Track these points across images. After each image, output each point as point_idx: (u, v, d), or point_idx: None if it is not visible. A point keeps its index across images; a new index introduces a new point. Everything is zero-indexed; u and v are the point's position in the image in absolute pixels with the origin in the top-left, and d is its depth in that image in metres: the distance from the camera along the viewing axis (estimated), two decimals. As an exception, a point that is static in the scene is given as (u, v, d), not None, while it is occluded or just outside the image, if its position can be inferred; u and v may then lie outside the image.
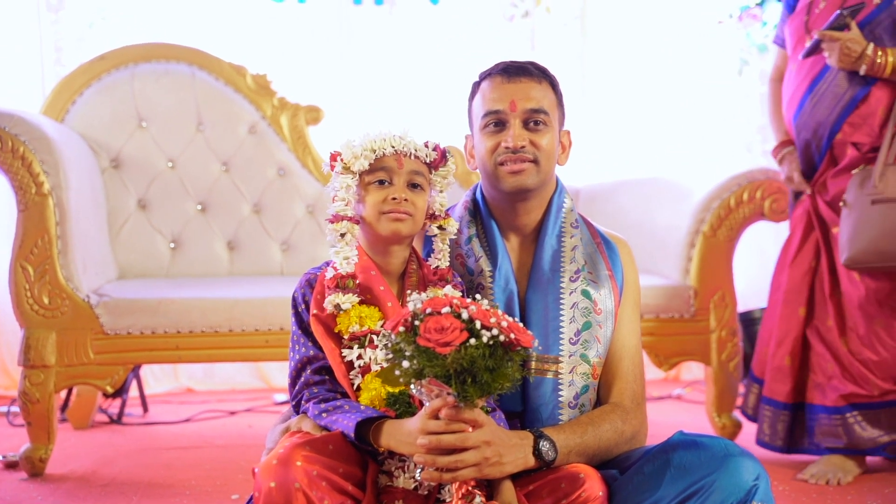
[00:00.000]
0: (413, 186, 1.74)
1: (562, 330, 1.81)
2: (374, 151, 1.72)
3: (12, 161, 2.66)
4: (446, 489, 1.60)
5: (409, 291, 1.75)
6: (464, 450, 1.54)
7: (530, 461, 1.63)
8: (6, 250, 2.81)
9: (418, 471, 1.59)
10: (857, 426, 2.69)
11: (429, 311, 1.49)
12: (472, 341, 1.45)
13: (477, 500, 1.58)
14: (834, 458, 2.72)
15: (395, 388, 1.62)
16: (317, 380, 1.72)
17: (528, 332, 1.52)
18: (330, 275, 1.72)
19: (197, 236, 3.35)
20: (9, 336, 3.80)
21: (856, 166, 2.71)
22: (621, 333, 1.87)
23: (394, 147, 1.73)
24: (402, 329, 1.49)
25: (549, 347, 1.80)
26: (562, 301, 1.82)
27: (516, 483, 1.63)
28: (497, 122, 1.82)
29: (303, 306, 1.76)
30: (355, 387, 1.69)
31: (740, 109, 4.45)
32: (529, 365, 1.76)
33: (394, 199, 1.71)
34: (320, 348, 1.72)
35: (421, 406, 1.61)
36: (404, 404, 1.65)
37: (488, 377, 1.47)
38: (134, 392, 3.67)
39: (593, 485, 1.63)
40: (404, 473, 1.62)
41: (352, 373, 1.69)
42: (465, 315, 1.47)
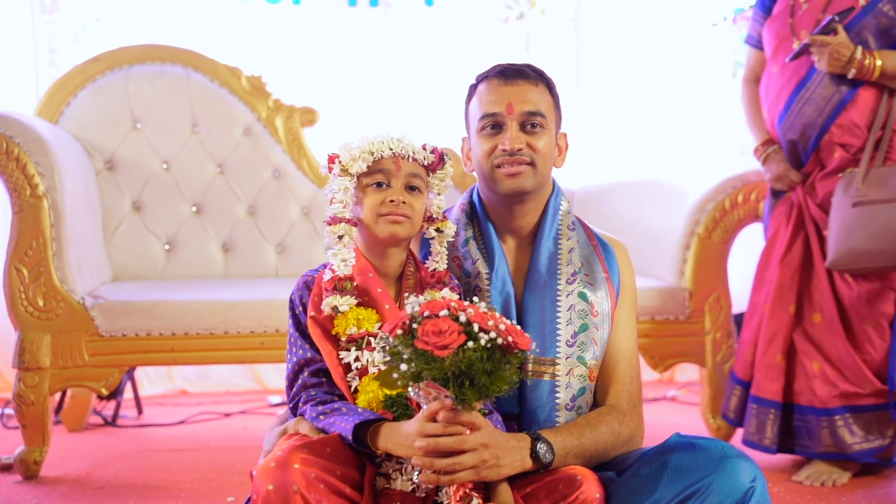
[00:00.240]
0: (411, 189, 1.74)
1: (558, 332, 1.81)
2: (373, 154, 1.72)
3: (7, 163, 2.65)
4: (444, 491, 1.60)
5: (406, 294, 1.75)
6: (461, 452, 1.54)
7: (528, 463, 1.64)
8: (0, 252, 2.80)
9: (416, 473, 1.60)
10: (846, 430, 2.68)
11: (427, 313, 1.49)
12: (470, 344, 1.45)
13: (474, 502, 1.58)
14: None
15: (392, 390, 1.62)
16: (314, 382, 1.72)
17: (525, 334, 1.52)
18: (327, 277, 1.72)
19: (192, 238, 3.34)
20: (3, 338, 3.79)
21: (844, 168, 2.71)
22: (618, 336, 1.87)
23: (392, 150, 1.73)
24: (399, 332, 1.49)
25: (545, 349, 1.80)
26: (558, 303, 1.82)
27: (514, 485, 1.63)
28: (494, 125, 1.82)
29: (300, 308, 1.75)
30: (353, 389, 1.69)
31: (735, 111, 4.44)
32: (526, 367, 1.77)
33: (391, 201, 1.71)
34: (318, 350, 1.72)
35: (418, 408, 1.61)
36: (402, 407, 1.65)
37: (486, 380, 1.47)
38: (128, 394, 3.67)
39: (591, 487, 1.63)
40: (402, 476, 1.62)
41: (349, 375, 1.69)
42: (463, 318, 1.47)
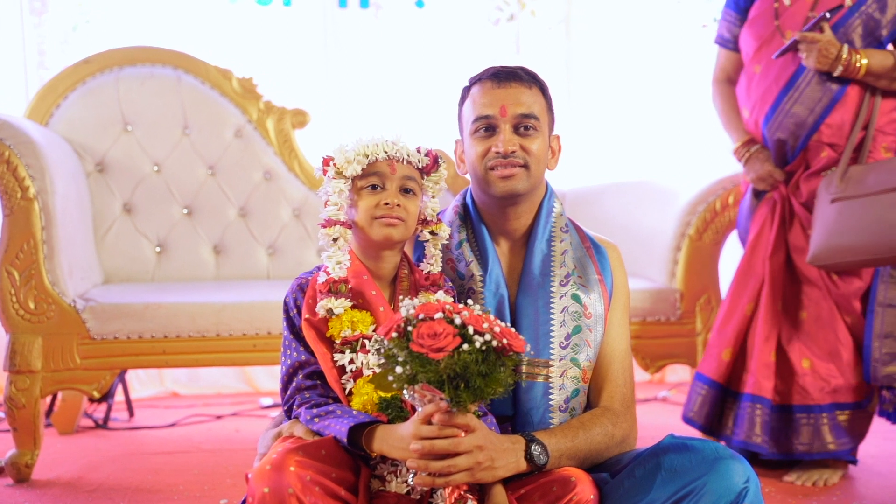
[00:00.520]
0: (405, 192, 1.75)
1: (552, 334, 1.82)
2: (367, 156, 1.72)
3: (-3, 165, 2.65)
4: (439, 493, 1.60)
5: (400, 297, 1.75)
6: (456, 454, 1.55)
7: (522, 465, 1.64)
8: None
9: (411, 475, 1.59)
10: (828, 428, 2.69)
11: (421, 316, 1.49)
12: (465, 347, 1.46)
13: (469, 504, 1.58)
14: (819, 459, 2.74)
15: (387, 392, 1.63)
16: (309, 384, 1.72)
17: (520, 337, 1.52)
18: (322, 279, 1.72)
19: (183, 240, 3.34)
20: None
21: (830, 168, 2.72)
22: (611, 337, 1.88)
23: (386, 152, 1.73)
24: (394, 335, 1.49)
25: (539, 351, 1.80)
26: (552, 305, 1.83)
27: (508, 487, 1.64)
28: (487, 128, 1.82)
29: (294, 311, 1.75)
30: (347, 391, 1.69)
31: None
32: (520, 369, 1.77)
33: (386, 204, 1.71)
34: (312, 353, 1.72)
35: (413, 411, 1.61)
36: (396, 409, 1.65)
37: (481, 382, 1.47)
38: (119, 396, 3.66)
39: (585, 488, 1.63)
40: (397, 478, 1.63)
41: (344, 377, 1.69)
42: (457, 320, 1.47)
